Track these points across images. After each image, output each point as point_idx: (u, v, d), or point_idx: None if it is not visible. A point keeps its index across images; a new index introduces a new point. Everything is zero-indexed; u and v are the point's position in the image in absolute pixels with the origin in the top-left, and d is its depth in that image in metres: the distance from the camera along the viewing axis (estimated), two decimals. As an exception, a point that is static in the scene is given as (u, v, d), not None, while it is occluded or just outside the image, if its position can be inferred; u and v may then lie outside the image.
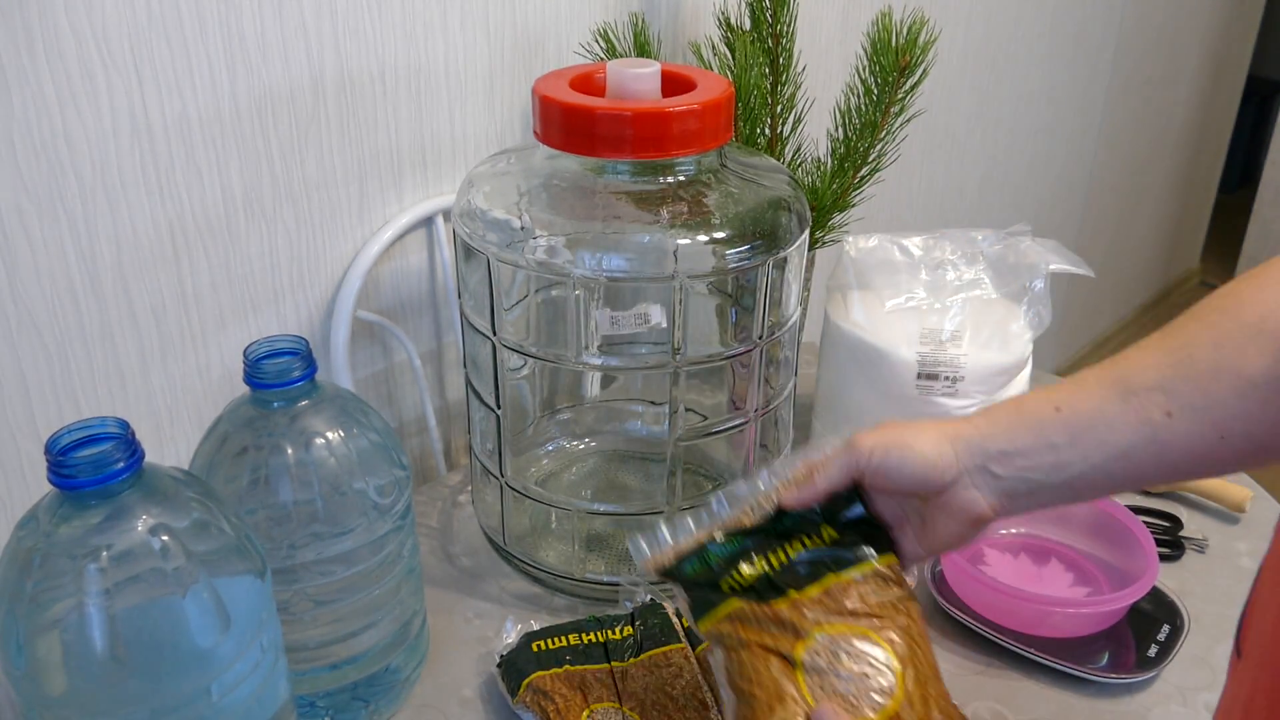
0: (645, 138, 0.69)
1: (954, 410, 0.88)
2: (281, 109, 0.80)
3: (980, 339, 0.88)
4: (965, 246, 0.92)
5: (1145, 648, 0.74)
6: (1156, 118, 2.47)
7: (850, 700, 0.52)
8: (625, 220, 0.72)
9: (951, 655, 0.76)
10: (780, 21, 0.95)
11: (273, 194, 0.82)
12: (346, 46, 0.83)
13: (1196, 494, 0.92)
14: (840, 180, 0.96)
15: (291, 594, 0.64)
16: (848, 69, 0.97)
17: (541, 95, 0.71)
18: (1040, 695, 0.73)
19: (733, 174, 0.76)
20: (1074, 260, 0.91)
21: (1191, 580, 0.84)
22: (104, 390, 0.77)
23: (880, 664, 0.53)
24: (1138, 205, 2.56)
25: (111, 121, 0.71)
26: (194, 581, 0.51)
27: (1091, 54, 2.05)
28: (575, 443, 0.91)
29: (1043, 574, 0.82)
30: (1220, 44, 2.66)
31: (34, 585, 0.49)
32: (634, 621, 0.73)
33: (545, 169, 0.76)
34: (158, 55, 0.72)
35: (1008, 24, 1.72)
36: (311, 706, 0.68)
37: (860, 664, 0.53)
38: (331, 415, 0.63)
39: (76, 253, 0.72)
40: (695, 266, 0.71)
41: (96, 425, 0.51)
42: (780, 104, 0.97)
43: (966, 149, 1.76)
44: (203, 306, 0.81)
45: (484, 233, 0.73)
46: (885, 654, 0.54)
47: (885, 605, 0.56)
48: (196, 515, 0.53)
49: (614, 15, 1.01)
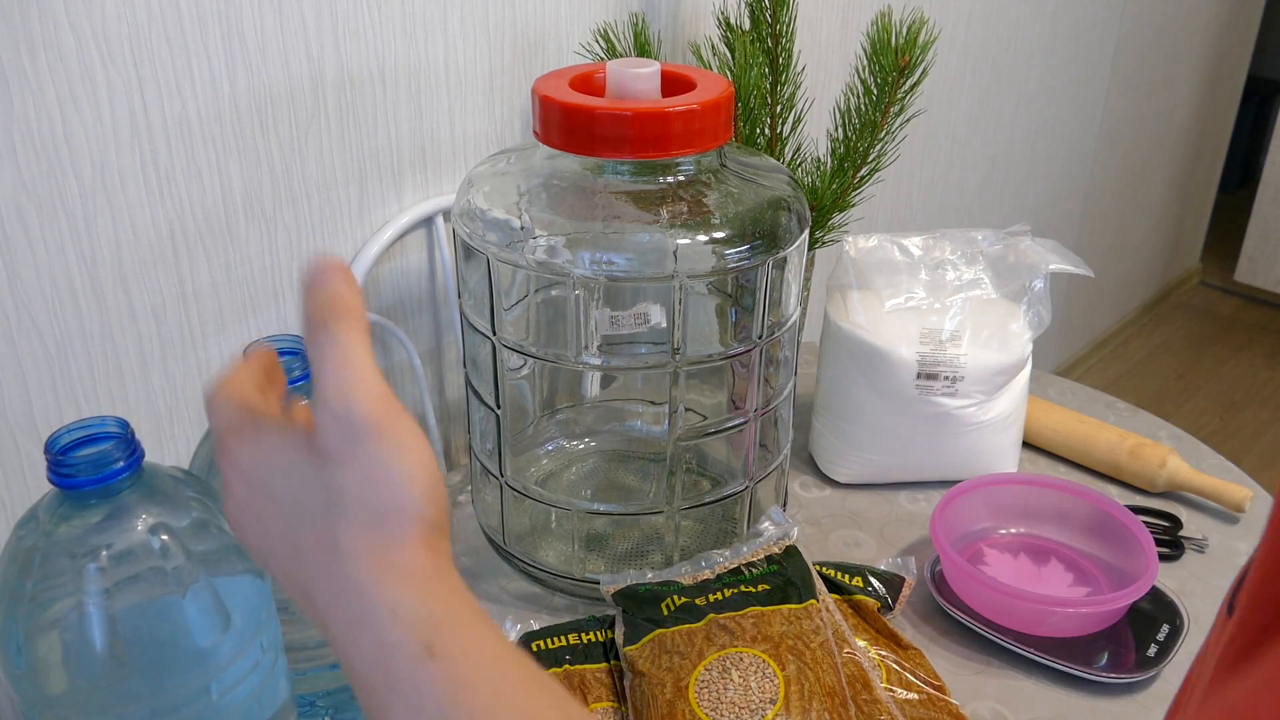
0: (645, 138, 0.69)
1: (954, 410, 0.89)
2: (281, 109, 0.80)
3: (980, 339, 0.88)
4: (965, 246, 0.92)
5: (1145, 647, 0.74)
6: (1156, 118, 2.47)
7: (737, 705, 0.63)
8: (625, 220, 0.72)
9: (951, 655, 0.76)
10: (780, 21, 0.95)
11: (273, 194, 0.82)
12: (346, 46, 0.83)
13: (1196, 494, 0.92)
14: (840, 180, 0.96)
15: (291, 594, 0.64)
16: (848, 69, 0.97)
17: (541, 95, 0.71)
18: (1040, 695, 0.73)
19: (732, 174, 0.76)
20: (1074, 260, 0.91)
21: (1191, 580, 0.84)
22: (104, 390, 0.77)
23: (768, 676, 0.65)
24: (1138, 205, 2.56)
25: (111, 121, 0.71)
26: (194, 581, 0.51)
27: (1091, 54, 2.05)
28: (575, 443, 0.91)
29: (1043, 574, 0.82)
30: (1220, 44, 2.66)
31: (34, 585, 0.49)
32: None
33: (545, 169, 0.76)
34: (158, 55, 0.72)
35: (1008, 24, 1.72)
36: (311, 706, 0.68)
37: (747, 677, 0.65)
38: (331, 415, 0.63)
39: (76, 253, 0.73)
40: (695, 266, 0.71)
41: (96, 425, 0.51)
42: (780, 104, 0.97)
43: (966, 149, 1.76)
44: (203, 306, 0.81)
45: (484, 233, 0.73)
46: (772, 669, 0.65)
47: (788, 635, 0.67)
48: (196, 515, 0.53)
49: (614, 15, 1.01)
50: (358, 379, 0.39)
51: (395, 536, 0.39)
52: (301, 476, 0.41)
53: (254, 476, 0.42)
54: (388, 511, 0.39)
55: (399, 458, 0.39)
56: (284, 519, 0.41)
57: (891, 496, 0.93)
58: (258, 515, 0.42)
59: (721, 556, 0.75)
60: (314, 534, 0.40)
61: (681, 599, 0.71)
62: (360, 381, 0.39)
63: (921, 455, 0.92)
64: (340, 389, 0.39)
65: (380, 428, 0.39)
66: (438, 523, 0.41)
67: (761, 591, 0.71)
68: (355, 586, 0.39)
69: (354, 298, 0.41)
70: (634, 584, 0.73)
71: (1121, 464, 0.94)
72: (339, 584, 0.39)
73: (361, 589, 0.39)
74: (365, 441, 0.39)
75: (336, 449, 0.39)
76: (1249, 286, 3.06)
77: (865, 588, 0.77)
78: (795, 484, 0.95)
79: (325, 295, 0.41)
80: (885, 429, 0.91)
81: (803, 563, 0.74)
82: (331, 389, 0.39)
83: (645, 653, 0.67)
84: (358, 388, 0.39)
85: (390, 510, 0.39)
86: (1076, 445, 0.97)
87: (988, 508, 0.86)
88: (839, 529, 0.89)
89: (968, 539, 0.85)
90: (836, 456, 0.94)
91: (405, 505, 0.39)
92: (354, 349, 0.40)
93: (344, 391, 0.39)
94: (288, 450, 0.41)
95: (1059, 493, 0.84)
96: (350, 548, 0.39)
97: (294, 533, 0.41)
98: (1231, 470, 0.97)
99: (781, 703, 0.63)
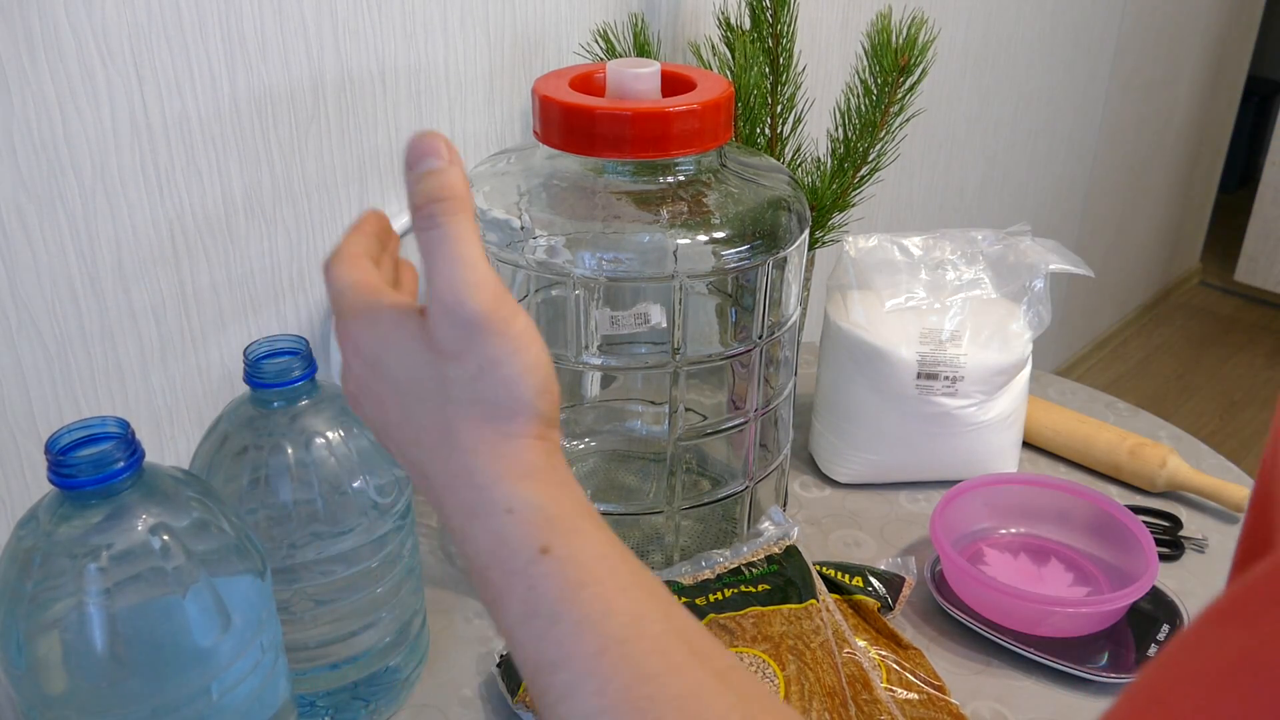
0: (645, 138, 0.69)
1: (954, 410, 0.89)
2: (281, 109, 0.80)
3: (980, 339, 0.88)
4: (965, 246, 0.92)
5: (1145, 647, 0.74)
6: (1156, 118, 2.47)
7: None
8: (625, 220, 0.72)
9: (951, 655, 0.76)
10: (780, 21, 0.95)
11: (273, 194, 0.82)
12: (346, 46, 0.83)
13: (1196, 494, 0.92)
14: (840, 180, 0.96)
15: (291, 594, 0.64)
16: (848, 69, 0.97)
17: (541, 95, 0.71)
18: (1040, 695, 0.73)
19: (732, 174, 0.76)
20: (1074, 260, 0.91)
21: (1191, 580, 0.84)
22: (104, 390, 0.77)
23: (768, 676, 0.65)
24: (1138, 205, 2.56)
25: (111, 121, 0.71)
26: (194, 581, 0.51)
27: (1091, 54, 2.05)
28: (575, 443, 0.91)
29: (1043, 574, 0.82)
30: (1220, 44, 2.66)
31: (34, 585, 0.49)
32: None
33: (545, 169, 0.76)
34: (158, 55, 0.72)
35: (1008, 24, 1.72)
36: (311, 706, 0.68)
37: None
38: (332, 415, 0.64)
39: (76, 253, 0.73)
40: (695, 266, 0.71)
41: (96, 425, 0.51)
42: (780, 104, 0.97)
43: (966, 149, 1.76)
44: (203, 306, 0.81)
45: (484, 232, 0.73)
46: (773, 669, 0.65)
47: (788, 635, 0.67)
48: (196, 515, 0.53)
49: (614, 15, 1.01)
50: (470, 274, 0.40)
51: (511, 431, 0.40)
52: (418, 363, 0.41)
53: (371, 357, 0.43)
54: (503, 406, 0.40)
55: (514, 354, 0.40)
56: (401, 400, 0.42)
57: (891, 496, 0.93)
58: (375, 394, 0.43)
59: (721, 556, 0.75)
60: (430, 419, 0.41)
61: (681, 599, 0.71)
62: (473, 277, 0.40)
63: (921, 455, 0.92)
64: (453, 285, 0.39)
65: (494, 324, 0.40)
66: (551, 417, 0.41)
67: (761, 591, 0.71)
68: (470, 477, 0.40)
69: (463, 184, 0.41)
70: None
71: (1121, 464, 0.94)
72: (454, 471, 0.40)
73: (477, 480, 0.39)
74: (479, 338, 0.39)
75: (451, 344, 0.40)
76: (1249, 286, 3.06)
77: (865, 588, 0.77)
78: (795, 484, 0.95)
79: (434, 183, 0.41)
80: (885, 429, 0.91)
81: (803, 563, 0.74)
82: (444, 285, 0.40)
83: None
84: (471, 283, 0.40)
85: (505, 405, 0.40)
86: (1076, 445, 0.97)
87: (988, 508, 0.86)
88: (839, 529, 0.89)
89: (968, 539, 0.85)
90: (836, 456, 0.94)
91: (520, 401, 0.40)
92: (466, 243, 0.40)
93: (456, 288, 0.39)
94: (404, 337, 0.41)
95: (1059, 493, 0.84)
96: (466, 439, 0.40)
97: (411, 415, 0.41)
98: (1231, 470, 0.97)
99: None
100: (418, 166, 0.41)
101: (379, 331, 0.42)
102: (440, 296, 0.40)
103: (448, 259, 0.40)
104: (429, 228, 0.40)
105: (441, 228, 0.40)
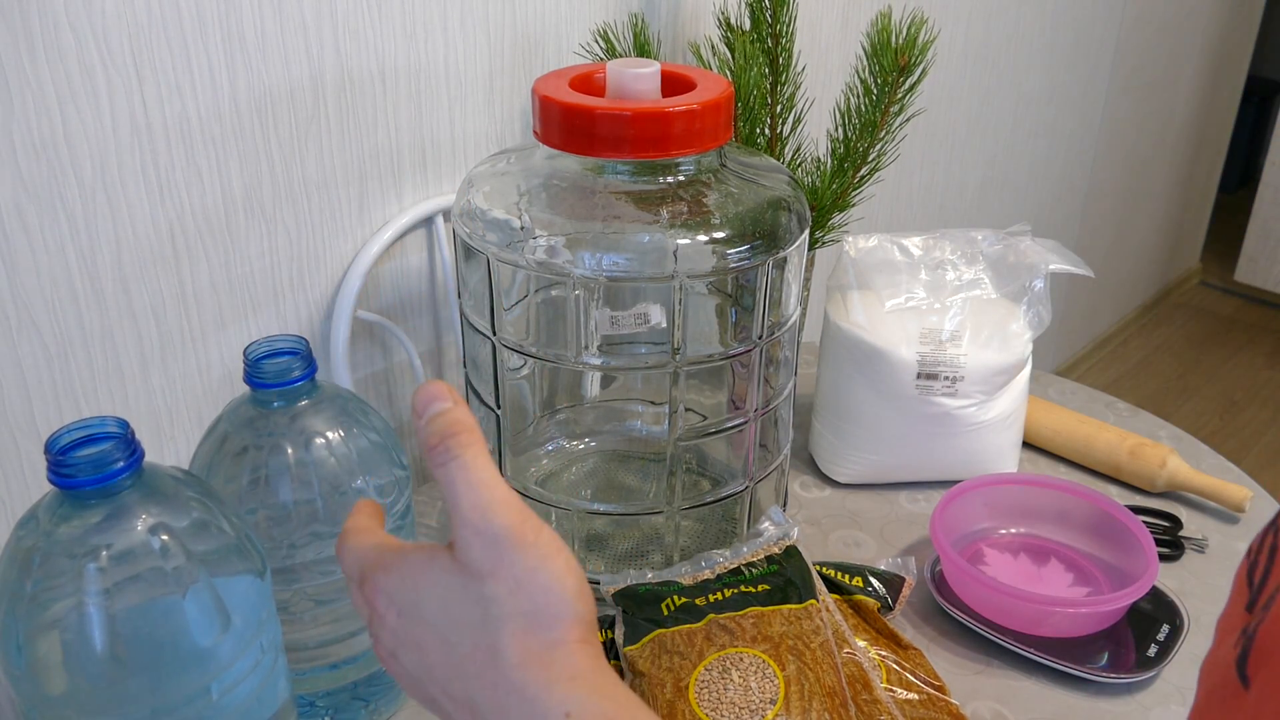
0: (645, 138, 0.69)
1: (954, 410, 0.89)
2: (281, 109, 0.80)
3: (980, 339, 0.88)
4: (965, 246, 0.92)
5: (1145, 648, 0.74)
6: (1156, 118, 2.47)
7: (737, 705, 0.63)
8: (625, 220, 0.72)
9: (951, 655, 0.76)
10: (780, 21, 0.95)
11: (273, 194, 0.82)
12: (346, 46, 0.83)
13: (1196, 494, 0.92)
14: (840, 180, 0.96)
15: (291, 594, 0.64)
16: (848, 69, 0.97)
17: (541, 95, 0.71)
18: (1040, 695, 0.73)
19: (732, 174, 0.76)
20: (1074, 260, 0.91)
21: (1191, 580, 0.84)
22: (104, 390, 0.77)
23: (768, 676, 0.65)
24: (1138, 205, 2.56)
25: (111, 121, 0.71)
26: (194, 581, 0.51)
27: (1091, 54, 2.05)
28: (575, 443, 0.91)
29: (1043, 574, 0.82)
30: (1220, 44, 2.66)
31: (34, 585, 0.49)
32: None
33: (545, 169, 0.76)
34: (158, 55, 0.72)
35: (1008, 24, 1.72)
36: (311, 706, 0.68)
37: (747, 677, 0.65)
38: (332, 415, 0.64)
39: (76, 253, 0.73)
40: (695, 266, 0.71)
41: (96, 425, 0.51)
42: (780, 104, 0.97)
43: (966, 149, 1.76)
44: (203, 306, 0.81)
45: (484, 233, 0.73)
46: (773, 670, 0.65)
47: (788, 635, 0.67)
48: (196, 515, 0.53)
49: (614, 15, 1.01)
50: (493, 495, 0.42)
51: (556, 639, 0.41)
52: (453, 593, 0.42)
53: (406, 603, 0.44)
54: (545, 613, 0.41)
55: (546, 561, 0.41)
56: (441, 638, 0.43)
57: (891, 496, 0.93)
58: (413, 640, 0.44)
59: (721, 556, 0.75)
60: (473, 646, 0.42)
61: (681, 599, 0.71)
62: (496, 496, 0.42)
63: (921, 455, 0.92)
64: (478, 506, 0.41)
65: (523, 536, 0.41)
66: (591, 620, 0.43)
67: (761, 591, 0.71)
68: (521, 690, 0.40)
69: (472, 420, 0.43)
70: (634, 584, 0.73)
71: (1121, 464, 0.94)
72: (504, 690, 0.41)
73: (528, 693, 0.40)
74: (510, 551, 0.41)
75: (483, 562, 0.41)
76: (1249, 286, 3.06)
77: (865, 588, 0.77)
78: (795, 484, 0.95)
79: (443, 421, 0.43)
80: (885, 429, 0.91)
81: (803, 563, 0.74)
82: (469, 508, 0.41)
83: (645, 653, 0.67)
84: (494, 503, 0.41)
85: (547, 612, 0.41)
86: (1076, 445, 0.97)
87: (988, 508, 0.86)
88: (839, 529, 0.89)
89: (968, 539, 0.85)
90: (836, 456, 0.94)
91: (562, 603, 0.41)
92: (484, 469, 0.42)
93: (482, 508, 0.41)
94: (437, 571, 0.43)
95: (1059, 493, 0.84)
96: (512, 654, 0.41)
97: (453, 648, 0.42)
98: (1231, 470, 0.97)
99: (781, 703, 0.63)
100: (426, 412, 0.43)
101: (410, 575, 0.44)
102: (467, 519, 0.41)
103: (469, 485, 0.41)
104: (446, 460, 0.42)
105: (459, 458, 0.42)
